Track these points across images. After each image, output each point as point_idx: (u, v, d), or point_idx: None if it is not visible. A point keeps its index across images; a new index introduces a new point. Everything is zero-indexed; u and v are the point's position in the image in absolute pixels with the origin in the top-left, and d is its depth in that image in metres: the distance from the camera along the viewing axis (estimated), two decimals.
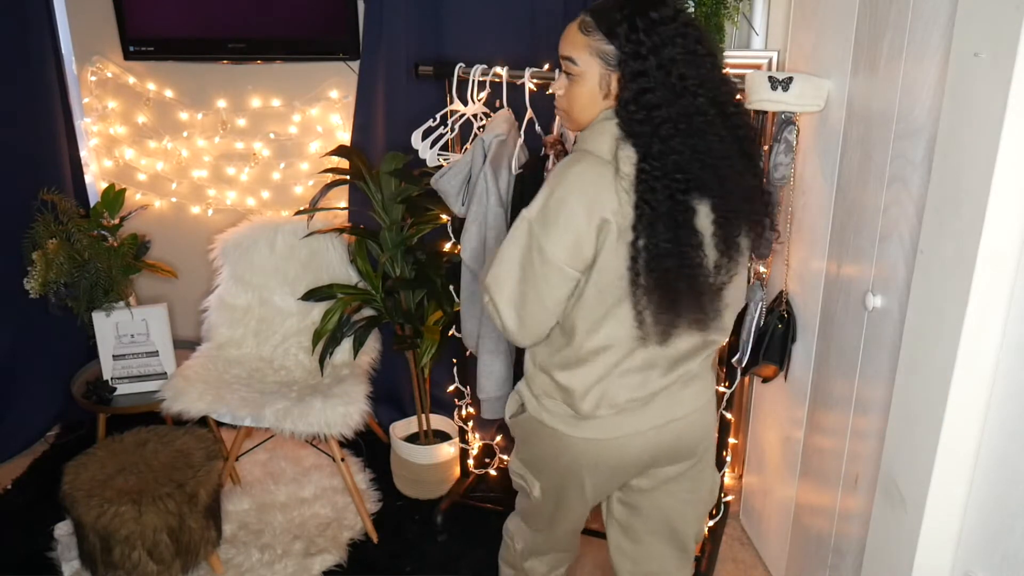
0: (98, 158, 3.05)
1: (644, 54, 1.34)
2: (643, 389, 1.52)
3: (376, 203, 2.46)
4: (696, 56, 1.35)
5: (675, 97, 1.34)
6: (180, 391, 2.43)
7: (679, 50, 1.34)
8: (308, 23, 2.67)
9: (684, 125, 1.34)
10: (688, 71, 1.34)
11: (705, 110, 1.35)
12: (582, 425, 1.54)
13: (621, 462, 1.59)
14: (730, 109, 1.40)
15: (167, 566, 2.15)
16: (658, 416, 1.55)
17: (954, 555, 1.41)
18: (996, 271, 1.24)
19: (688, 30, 1.36)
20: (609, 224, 1.36)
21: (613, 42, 1.37)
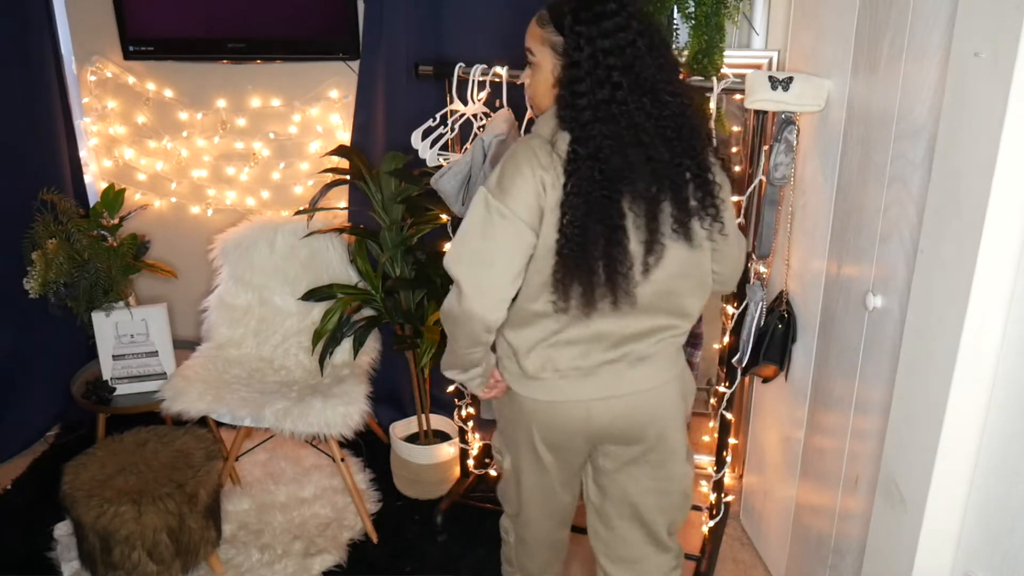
0: (98, 158, 3.05)
1: (581, 45, 1.44)
2: (586, 360, 1.60)
3: (376, 203, 2.46)
4: (633, 48, 1.44)
5: (598, 87, 1.43)
6: (180, 391, 2.43)
7: (614, 42, 1.43)
8: (308, 23, 2.67)
9: (602, 113, 1.43)
10: (618, 62, 1.43)
11: (624, 100, 1.43)
12: (530, 385, 1.65)
13: (566, 428, 1.68)
14: (664, 98, 1.46)
15: (167, 566, 2.15)
16: (601, 389, 1.63)
17: (954, 555, 1.41)
18: (996, 271, 1.24)
19: (632, 23, 1.44)
20: (547, 191, 1.48)
21: (560, 33, 1.47)
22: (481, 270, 1.51)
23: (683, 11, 2.11)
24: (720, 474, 2.31)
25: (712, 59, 2.08)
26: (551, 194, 1.47)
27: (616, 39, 1.43)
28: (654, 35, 1.47)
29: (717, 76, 2.06)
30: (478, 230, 1.51)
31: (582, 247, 1.46)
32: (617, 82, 1.43)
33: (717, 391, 2.29)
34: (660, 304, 1.58)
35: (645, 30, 1.45)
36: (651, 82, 1.45)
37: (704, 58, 2.08)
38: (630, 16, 1.44)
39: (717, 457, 2.31)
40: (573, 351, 1.60)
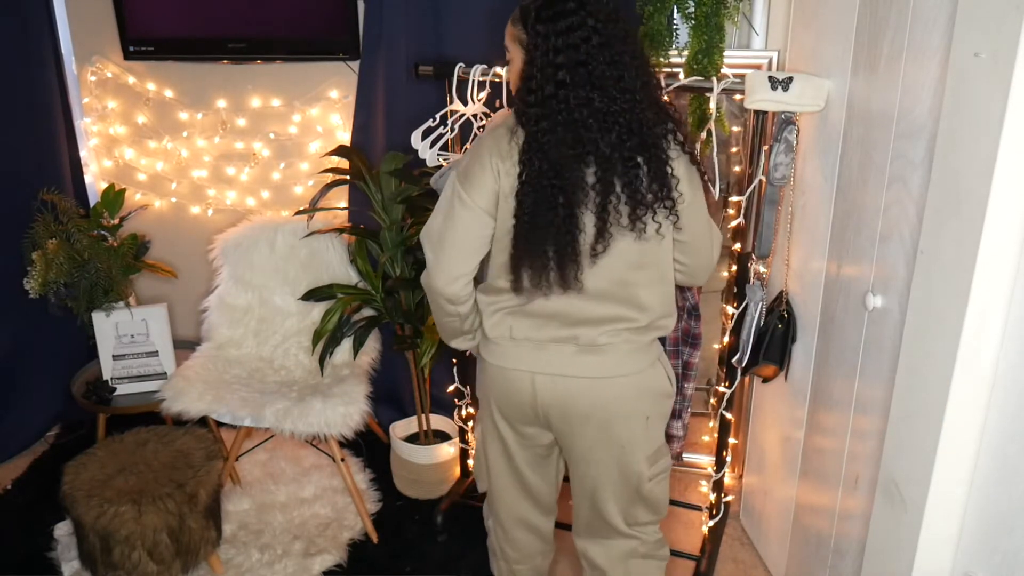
0: (98, 158, 3.05)
1: (538, 43, 1.51)
2: (538, 332, 1.69)
3: (376, 203, 2.46)
4: (587, 45, 1.49)
5: (545, 83, 1.50)
6: (180, 391, 2.43)
7: (566, 40, 1.49)
8: (308, 23, 2.67)
9: (547, 109, 1.51)
10: (566, 60, 1.49)
11: (566, 97, 1.50)
12: (489, 348, 1.76)
13: (513, 397, 1.75)
14: (612, 94, 1.51)
15: (167, 566, 2.15)
16: (546, 364, 1.70)
17: (954, 555, 1.41)
18: (996, 271, 1.24)
19: (588, 20, 1.49)
20: (500, 179, 1.58)
21: (525, 31, 1.55)
22: (440, 249, 1.65)
23: (683, 11, 2.11)
24: (720, 474, 2.31)
25: (712, 59, 2.08)
26: (505, 181, 1.58)
27: (569, 37, 1.49)
28: (612, 33, 1.51)
29: (717, 76, 2.06)
30: (443, 212, 1.65)
31: (531, 234, 1.56)
32: (561, 79, 1.50)
33: (717, 391, 2.29)
34: (614, 293, 1.64)
35: (601, 27, 1.50)
36: (601, 79, 1.50)
37: (704, 58, 2.08)
38: (587, 15, 1.50)
39: (717, 457, 2.31)
40: (529, 322, 1.69)
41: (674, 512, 2.60)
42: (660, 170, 1.56)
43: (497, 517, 1.97)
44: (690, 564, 2.37)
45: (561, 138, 1.51)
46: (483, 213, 1.61)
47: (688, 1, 2.09)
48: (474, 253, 1.65)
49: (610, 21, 1.52)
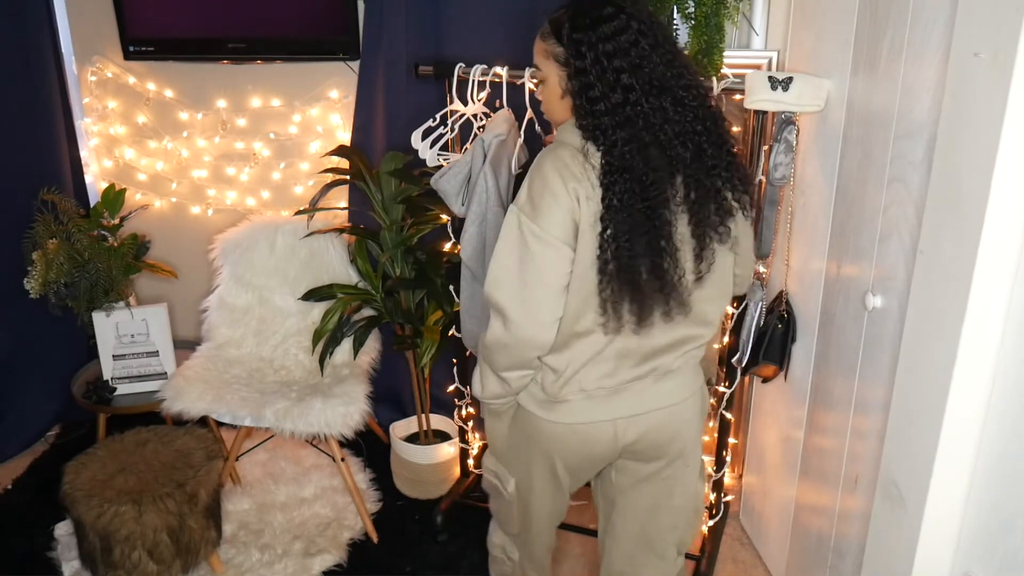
0: (98, 158, 3.05)
1: (583, 52, 1.42)
2: (613, 378, 1.55)
3: (376, 203, 2.46)
4: (637, 48, 1.41)
5: (610, 91, 1.40)
6: (180, 391, 2.43)
7: (616, 45, 1.40)
8: (308, 23, 2.67)
9: (620, 117, 1.40)
10: (624, 64, 1.40)
11: (639, 101, 1.40)
12: (554, 408, 1.59)
13: (591, 449, 1.63)
14: (679, 94, 1.43)
15: (167, 566, 2.15)
16: (628, 407, 1.58)
17: (954, 555, 1.41)
18: (996, 271, 1.24)
19: (632, 23, 1.41)
20: (581, 205, 1.42)
21: (561, 44, 1.46)
22: (527, 293, 1.46)
23: (683, 11, 2.11)
24: (720, 474, 2.31)
25: (712, 59, 2.08)
26: (586, 207, 1.42)
27: (617, 42, 1.40)
28: (658, 33, 1.44)
29: (717, 76, 2.06)
30: (515, 253, 1.46)
31: (630, 262, 1.41)
32: (628, 84, 1.40)
33: (717, 391, 2.29)
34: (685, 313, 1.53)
35: (647, 30, 1.42)
36: (662, 80, 1.41)
37: (704, 58, 2.08)
38: (629, 17, 1.42)
39: (717, 457, 2.31)
40: (602, 369, 1.55)
41: None
42: (739, 174, 1.50)
43: (530, 554, 1.88)
44: (690, 564, 2.37)
45: (637, 148, 1.40)
46: (563, 246, 1.43)
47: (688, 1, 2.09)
48: (562, 292, 1.47)
49: (654, 22, 1.45)
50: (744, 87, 1.93)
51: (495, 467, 1.78)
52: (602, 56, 1.40)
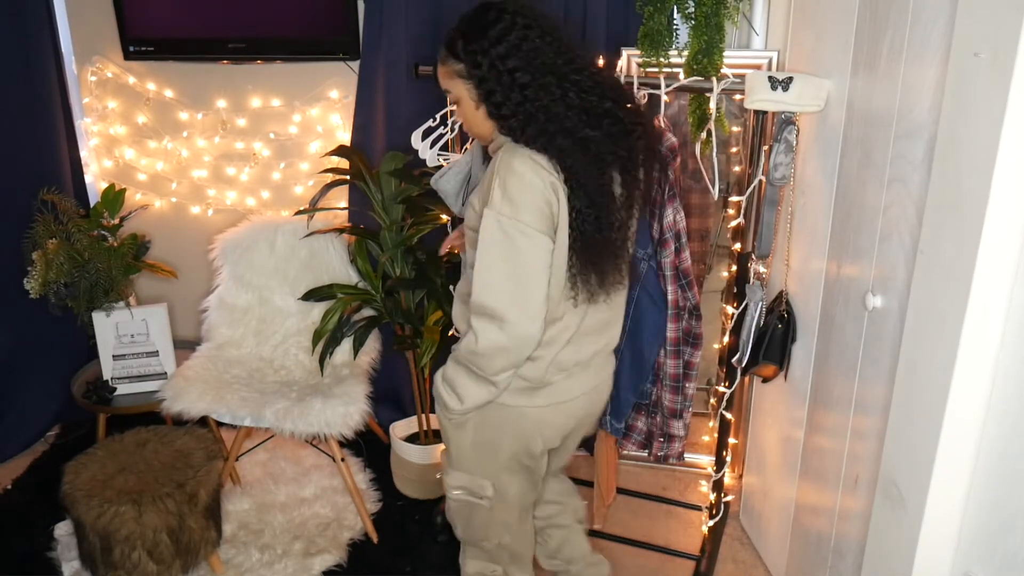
0: (98, 158, 3.05)
1: (480, 61, 1.50)
2: (583, 352, 1.66)
3: (376, 203, 2.46)
4: (528, 42, 1.49)
5: (510, 91, 1.49)
6: (180, 391, 2.43)
7: (507, 45, 1.48)
8: (308, 23, 2.68)
9: (523, 116, 1.48)
10: (518, 63, 1.48)
11: (536, 96, 1.48)
12: (538, 393, 1.64)
13: (569, 425, 1.73)
14: (572, 78, 1.51)
15: (167, 566, 2.15)
16: (592, 378, 1.71)
17: (954, 555, 1.41)
18: (996, 271, 1.24)
19: (517, 20, 1.49)
20: (558, 196, 1.49)
21: (460, 60, 1.53)
22: (519, 291, 1.48)
23: (683, 11, 2.11)
24: (720, 474, 2.31)
25: (712, 59, 2.09)
26: (562, 196, 1.49)
27: (508, 42, 1.48)
28: (543, 24, 1.51)
29: (717, 76, 2.06)
30: (501, 254, 1.48)
31: (595, 234, 1.50)
32: (524, 82, 1.48)
33: (717, 391, 2.29)
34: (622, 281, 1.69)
35: (532, 23, 1.50)
36: (558, 68, 1.50)
37: (704, 58, 2.09)
38: (513, 15, 1.50)
39: (717, 457, 2.31)
40: (574, 346, 1.63)
41: (674, 512, 2.60)
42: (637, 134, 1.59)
43: (518, 554, 1.87)
44: (690, 564, 2.37)
45: (550, 138, 1.47)
46: (545, 237, 1.48)
47: (688, 1, 2.10)
48: (547, 284, 1.51)
49: (537, 15, 1.52)
50: (744, 87, 1.93)
51: (464, 482, 1.75)
52: (496, 60, 1.48)
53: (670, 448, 2.25)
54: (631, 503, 2.64)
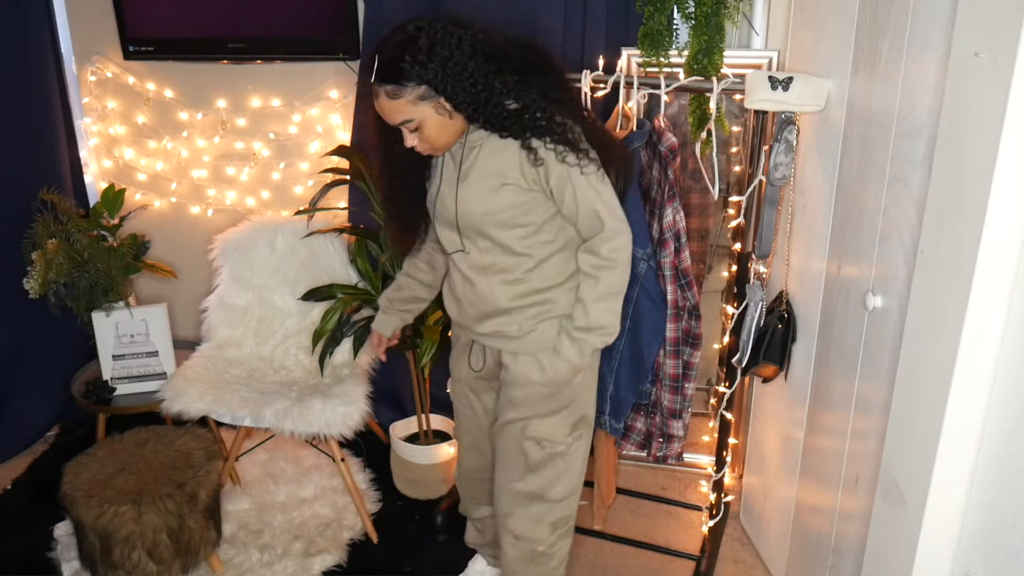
0: (98, 158, 3.05)
1: (435, 74, 1.57)
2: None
3: (376, 203, 2.46)
4: (463, 44, 1.58)
5: (471, 87, 1.58)
6: (180, 391, 2.43)
7: (449, 50, 1.57)
8: (308, 23, 2.67)
9: (484, 103, 1.60)
10: (465, 61, 1.57)
11: (490, 83, 1.60)
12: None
13: None
14: (502, 52, 1.62)
15: (167, 566, 2.15)
16: None
17: (954, 555, 1.41)
18: (996, 271, 1.24)
19: (448, 28, 1.58)
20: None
21: (419, 83, 1.58)
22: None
23: (683, 11, 2.11)
24: (720, 474, 2.31)
25: (712, 59, 2.08)
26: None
27: (448, 47, 1.56)
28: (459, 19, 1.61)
29: (717, 76, 2.06)
30: (609, 190, 1.72)
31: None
32: (473, 74, 1.58)
33: (717, 391, 2.29)
34: None
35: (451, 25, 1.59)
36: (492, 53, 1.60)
37: (704, 58, 2.09)
38: (429, 24, 1.58)
39: (717, 457, 2.31)
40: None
41: (674, 512, 2.60)
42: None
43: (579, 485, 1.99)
44: (690, 564, 2.37)
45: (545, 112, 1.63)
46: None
47: (688, 1, 2.09)
48: None
49: (439, 17, 1.61)
50: (744, 87, 1.93)
51: (576, 418, 1.88)
52: (449, 67, 1.56)
53: (669, 448, 2.25)
54: (631, 503, 2.64)
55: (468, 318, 1.85)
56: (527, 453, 1.86)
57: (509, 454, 1.90)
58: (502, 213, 1.69)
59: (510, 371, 1.84)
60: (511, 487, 1.91)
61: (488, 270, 1.77)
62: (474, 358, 1.94)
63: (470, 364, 1.95)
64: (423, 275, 2.03)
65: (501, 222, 1.70)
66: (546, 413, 1.83)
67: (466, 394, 2.03)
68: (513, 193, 1.68)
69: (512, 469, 1.90)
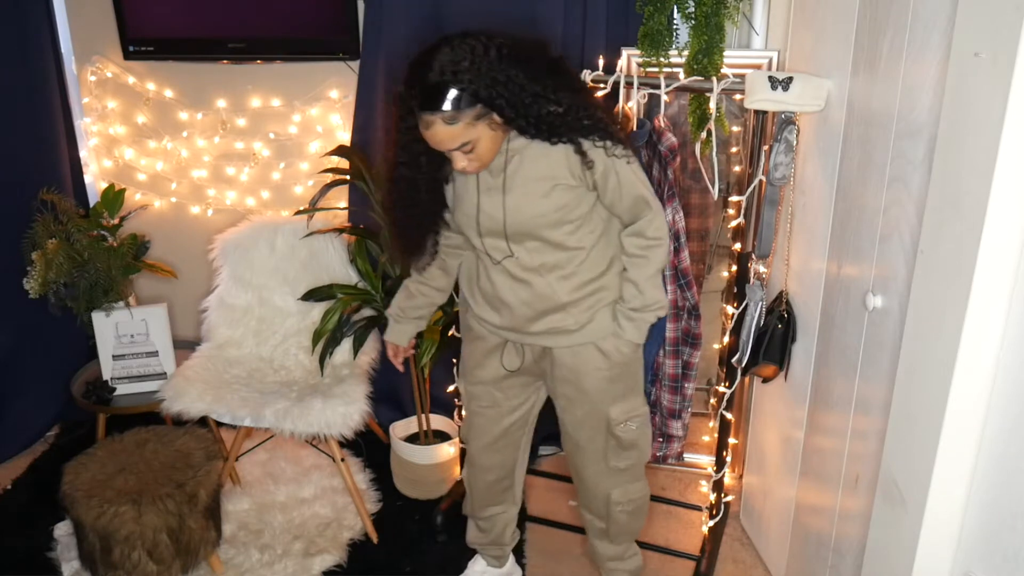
0: (98, 158, 3.05)
1: (488, 92, 1.56)
2: None
3: (376, 203, 2.46)
4: (501, 55, 1.57)
5: (521, 98, 1.59)
6: (180, 391, 2.43)
7: (491, 64, 1.56)
8: (308, 23, 2.67)
9: (536, 112, 1.61)
10: (509, 72, 1.57)
11: (535, 90, 1.60)
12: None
13: None
14: (528, 56, 1.63)
15: (167, 566, 2.15)
16: None
17: (954, 555, 1.41)
18: (996, 271, 1.24)
19: (483, 42, 1.57)
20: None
21: (474, 104, 1.57)
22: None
23: (683, 11, 2.11)
24: (720, 474, 2.31)
25: (712, 59, 2.08)
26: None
27: (487, 60, 1.56)
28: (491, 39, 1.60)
29: (717, 76, 2.06)
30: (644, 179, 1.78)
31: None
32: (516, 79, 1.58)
33: (717, 391, 2.29)
34: None
35: (488, 39, 1.58)
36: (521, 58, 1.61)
37: (704, 58, 2.09)
38: (462, 37, 1.58)
39: (717, 457, 2.31)
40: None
41: (674, 512, 2.60)
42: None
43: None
44: (690, 564, 2.37)
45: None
46: None
47: (688, 1, 2.09)
48: None
49: (473, 31, 1.61)
50: (744, 87, 1.93)
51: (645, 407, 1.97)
52: (499, 78, 1.56)
53: (668, 448, 2.25)
54: None
55: (519, 320, 1.84)
56: (620, 436, 1.92)
57: (598, 443, 1.95)
58: (554, 214, 1.72)
59: (567, 366, 1.87)
60: (609, 468, 1.97)
61: (541, 269, 1.78)
62: (507, 357, 1.94)
63: (503, 364, 1.95)
64: (437, 281, 2.02)
65: (553, 222, 1.73)
66: (622, 393, 1.89)
67: (490, 394, 2.01)
68: (562, 192, 1.71)
69: (607, 455, 1.96)
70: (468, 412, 2.09)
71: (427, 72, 1.55)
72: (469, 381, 2.04)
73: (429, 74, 1.55)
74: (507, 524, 2.22)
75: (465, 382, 2.06)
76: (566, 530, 2.48)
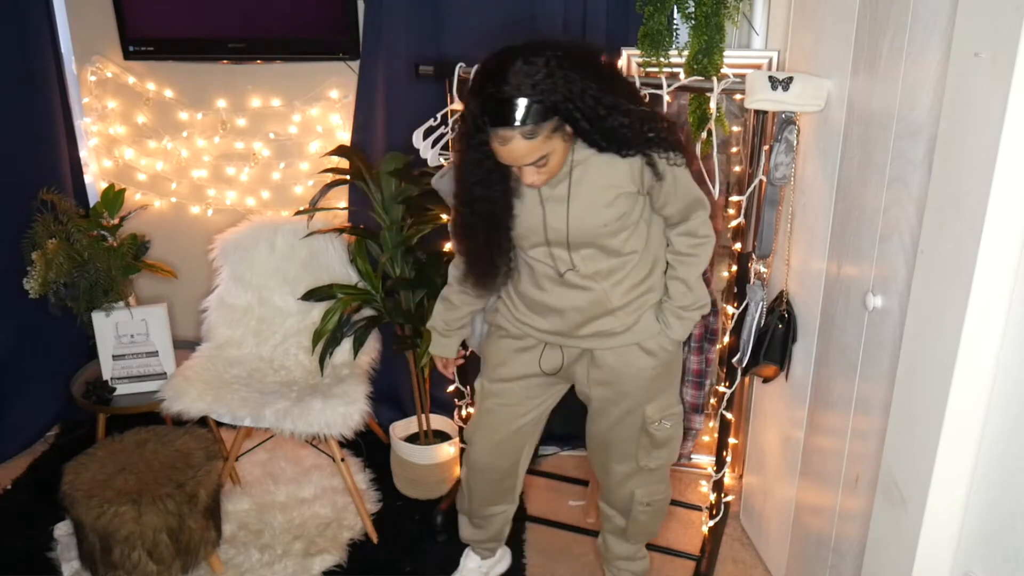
0: (98, 158, 3.05)
1: (566, 105, 1.54)
2: None
3: (376, 203, 2.46)
4: (576, 66, 1.54)
5: (595, 110, 1.56)
6: (180, 391, 2.43)
7: (563, 75, 1.52)
8: (308, 23, 2.68)
9: (610, 124, 1.59)
10: (581, 83, 1.54)
11: (605, 101, 1.57)
12: None
13: None
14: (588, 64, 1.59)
15: (167, 566, 2.15)
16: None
17: (954, 555, 1.41)
18: (996, 271, 1.24)
19: (551, 50, 1.53)
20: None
21: (548, 117, 1.55)
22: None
23: (683, 11, 2.11)
24: (720, 474, 2.31)
25: (712, 59, 2.08)
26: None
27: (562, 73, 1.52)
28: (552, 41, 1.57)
29: (717, 76, 2.06)
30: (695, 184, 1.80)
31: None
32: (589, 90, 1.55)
33: (717, 391, 2.29)
34: None
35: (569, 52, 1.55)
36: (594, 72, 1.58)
37: (704, 58, 2.09)
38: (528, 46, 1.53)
39: (717, 457, 2.31)
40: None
41: (674, 512, 2.60)
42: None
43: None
44: (690, 564, 2.37)
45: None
46: None
47: (688, 1, 2.09)
48: None
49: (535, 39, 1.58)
50: (744, 87, 1.93)
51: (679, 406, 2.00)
52: (573, 92, 1.53)
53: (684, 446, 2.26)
54: None
55: (570, 325, 1.84)
56: (654, 434, 1.93)
57: (630, 444, 1.96)
58: (616, 222, 1.72)
59: (608, 366, 1.87)
60: (640, 467, 1.99)
61: (597, 276, 1.78)
62: (546, 359, 1.92)
63: (540, 366, 1.94)
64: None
65: (614, 231, 1.74)
66: (661, 390, 1.91)
67: (512, 392, 1.98)
68: (624, 200, 1.71)
69: (637, 454, 1.97)
70: (480, 410, 2.05)
71: (503, 86, 1.51)
72: (490, 378, 2.01)
73: (505, 88, 1.50)
74: (506, 522, 2.22)
75: (485, 379, 2.03)
76: (566, 530, 2.48)
